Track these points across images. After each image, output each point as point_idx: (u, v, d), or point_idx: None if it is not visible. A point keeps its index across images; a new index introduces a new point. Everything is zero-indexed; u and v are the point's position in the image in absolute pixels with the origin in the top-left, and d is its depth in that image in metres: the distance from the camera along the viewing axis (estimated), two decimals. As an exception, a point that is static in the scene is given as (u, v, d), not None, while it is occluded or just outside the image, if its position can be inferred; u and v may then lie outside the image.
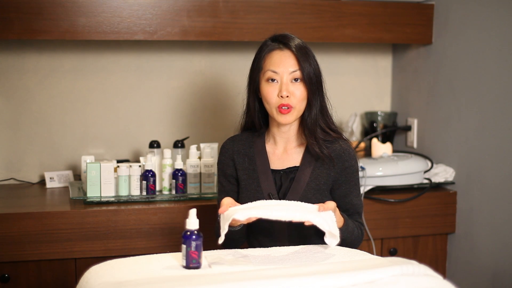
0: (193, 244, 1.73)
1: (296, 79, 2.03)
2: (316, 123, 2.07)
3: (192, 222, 1.75)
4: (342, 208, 2.09)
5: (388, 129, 3.16)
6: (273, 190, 2.07)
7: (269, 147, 2.14)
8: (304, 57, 2.03)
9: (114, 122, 3.01)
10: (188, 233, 1.74)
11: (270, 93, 2.03)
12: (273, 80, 2.03)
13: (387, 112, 3.22)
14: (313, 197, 2.05)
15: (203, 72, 3.07)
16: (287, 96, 2.01)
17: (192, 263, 1.73)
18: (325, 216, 1.83)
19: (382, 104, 3.34)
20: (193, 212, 1.75)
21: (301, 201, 2.03)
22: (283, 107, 2.01)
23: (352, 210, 2.10)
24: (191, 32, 2.67)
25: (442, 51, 2.90)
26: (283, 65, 2.02)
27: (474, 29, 2.69)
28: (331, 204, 1.88)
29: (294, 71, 2.02)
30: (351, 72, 3.27)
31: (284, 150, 2.13)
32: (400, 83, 3.26)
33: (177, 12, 2.65)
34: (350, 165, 2.08)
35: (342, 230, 1.98)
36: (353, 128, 3.16)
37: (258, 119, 2.13)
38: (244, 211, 1.82)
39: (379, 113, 3.21)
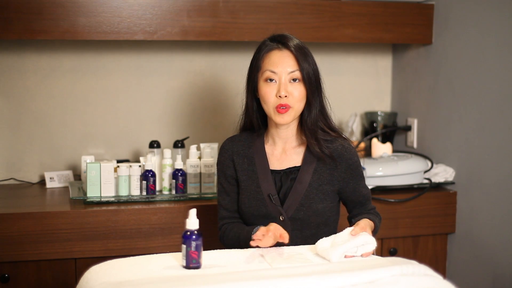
0: (193, 244, 1.73)
1: (295, 79, 2.02)
2: (316, 123, 2.07)
3: (192, 222, 1.75)
4: (355, 201, 2.13)
5: (388, 129, 3.16)
6: (273, 191, 2.07)
7: (268, 147, 2.14)
8: (303, 57, 2.03)
9: (114, 122, 3.01)
10: (188, 233, 1.74)
11: (268, 93, 2.02)
12: (271, 80, 2.02)
13: (387, 112, 3.22)
14: (315, 196, 2.05)
15: (203, 72, 3.07)
16: (286, 96, 2.00)
17: (192, 263, 1.73)
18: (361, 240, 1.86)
19: (382, 104, 3.34)
20: (193, 212, 1.76)
21: (303, 200, 2.03)
22: (281, 107, 2.01)
23: (364, 200, 2.14)
24: (191, 32, 2.67)
25: (442, 51, 2.90)
26: (281, 65, 2.02)
27: (474, 29, 2.69)
28: (362, 224, 1.92)
29: (293, 71, 2.02)
30: (351, 72, 3.27)
31: (283, 151, 2.12)
32: (400, 83, 3.26)
33: (177, 12, 2.65)
34: (353, 161, 2.10)
35: (376, 231, 2.07)
36: (353, 128, 3.16)
37: (256, 119, 2.13)
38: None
39: (379, 113, 3.21)
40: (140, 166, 2.54)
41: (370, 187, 2.71)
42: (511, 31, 2.49)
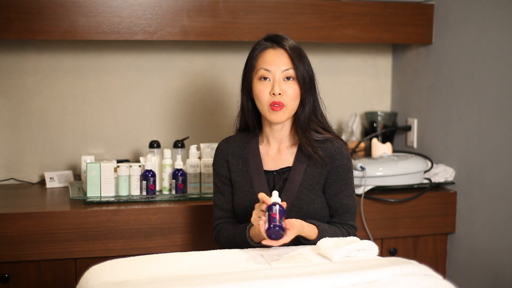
0: (274, 208, 1.80)
1: (289, 78, 2.02)
2: (309, 122, 2.06)
3: (274, 198, 1.84)
4: (332, 208, 2.08)
5: (388, 129, 3.16)
6: (266, 192, 2.06)
7: (262, 148, 2.13)
8: (298, 57, 2.02)
9: (114, 122, 3.01)
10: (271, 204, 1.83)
11: (262, 91, 2.02)
12: (265, 78, 2.02)
13: (387, 112, 3.22)
14: (306, 197, 2.04)
15: (203, 72, 3.07)
16: (279, 94, 2.00)
17: (273, 222, 1.78)
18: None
19: (382, 104, 3.34)
20: (275, 192, 1.86)
21: (295, 201, 2.03)
22: (275, 105, 2.00)
23: (342, 210, 2.08)
24: (191, 32, 2.67)
25: (442, 51, 2.90)
26: (276, 64, 2.01)
27: (474, 29, 2.69)
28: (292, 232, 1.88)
29: (287, 70, 2.01)
30: (351, 72, 3.27)
31: (278, 151, 2.12)
32: (400, 83, 3.27)
33: (177, 12, 2.65)
34: (341, 163, 2.06)
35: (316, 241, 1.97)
36: (353, 128, 3.16)
37: (251, 120, 2.13)
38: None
39: (379, 113, 3.21)
40: (140, 166, 2.54)
41: (369, 187, 2.71)
42: (511, 31, 2.49)
